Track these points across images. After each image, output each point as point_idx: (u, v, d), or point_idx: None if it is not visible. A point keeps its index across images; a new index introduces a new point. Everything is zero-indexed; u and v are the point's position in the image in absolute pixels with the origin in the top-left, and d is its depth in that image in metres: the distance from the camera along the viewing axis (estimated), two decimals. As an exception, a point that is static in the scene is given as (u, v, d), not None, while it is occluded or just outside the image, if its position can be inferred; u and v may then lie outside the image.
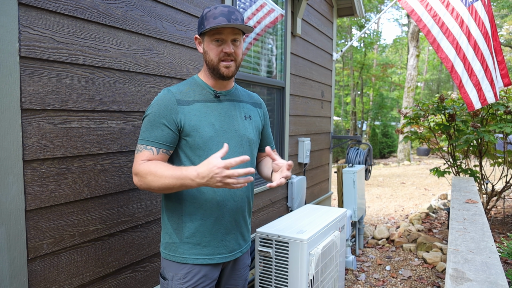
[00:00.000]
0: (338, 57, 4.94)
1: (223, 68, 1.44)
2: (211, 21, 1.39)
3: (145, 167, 1.36)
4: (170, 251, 1.49)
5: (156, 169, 1.34)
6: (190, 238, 1.46)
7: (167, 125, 1.41)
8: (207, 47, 1.45)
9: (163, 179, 1.31)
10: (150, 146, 1.40)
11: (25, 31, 1.35)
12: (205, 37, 1.45)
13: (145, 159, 1.40)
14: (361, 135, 12.96)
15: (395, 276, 3.51)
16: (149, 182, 1.35)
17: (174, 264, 1.48)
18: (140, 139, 1.43)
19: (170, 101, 1.42)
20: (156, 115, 1.41)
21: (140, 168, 1.37)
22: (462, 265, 1.56)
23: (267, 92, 3.33)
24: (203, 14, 1.44)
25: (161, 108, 1.41)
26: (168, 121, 1.40)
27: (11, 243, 1.32)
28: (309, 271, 2.05)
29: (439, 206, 5.97)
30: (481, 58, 3.58)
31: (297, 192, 3.69)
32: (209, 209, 1.46)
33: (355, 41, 20.67)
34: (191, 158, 1.45)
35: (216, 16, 1.39)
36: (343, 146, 13.51)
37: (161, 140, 1.41)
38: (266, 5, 3.13)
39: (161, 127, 1.40)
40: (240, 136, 1.51)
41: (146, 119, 1.43)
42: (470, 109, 3.61)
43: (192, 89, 1.48)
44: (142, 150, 1.41)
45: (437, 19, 3.70)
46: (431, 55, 25.40)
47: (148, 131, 1.41)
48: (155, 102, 1.43)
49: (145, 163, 1.38)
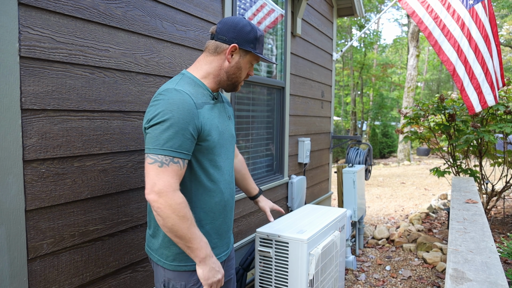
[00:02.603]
0: (338, 57, 4.94)
1: (239, 87, 1.54)
2: (261, 48, 1.48)
3: (182, 203, 1.25)
4: (181, 262, 1.40)
5: (190, 216, 1.27)
6: None
7: (192, 132, 1.30)
8: (243, 65, 1.47)
9: (188, 232, 1.25)
10: (177, 158, 1.26)
11: (25, 31, 1.35)
12: (248, 56, 1.46)
13: (173, 175, 1.25)
14: (361, 135, 12.96)
15: (395, 276, 3.51)
16: (173, 221, 1.23)
17: (185, 273, 1.40)
18: (161, 149, 1.24)
19: (191, 105, 1.30)
20: (181, 121, 1.26)
21: (175, 198, 1.24)
22: (462, 265, 1.56)
23: (267, 92, 3.33)
24: (257, 34, 1.45)
25: (185, 113, 1.27)
26: (193, 128, 1.29)
27: (11, 243, 1.32)
28: (309, 271, 2.05)
29: (439, 206, 5.97)
30: (482, 61, 3.59)
31: (297, 192, 3.69)
32: (217, 212, 1.47)
33: (355, 41, 20.67)
34: (202, 163, 1.39)
35: (263, 43, 1.50)
36: (343, 146, 13.52)
37: (187, 150, 1.29)
38: (266, 5, 3.13)
39: (186, 135, 1.27)
40: (231, 136, 1.56)
41: (167, 125, 1.24)
42: (471, 112, 3.63)
43: (195, 90, 1.40)
44: (169, 164, 1.25)
45: (438, 21, 3.71)
46: (431, 55, 25.40)
47: (172, 140, 1.25)
48: (174, 105, 1.26)
49: (180, 196, 1.26)
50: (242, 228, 2.94)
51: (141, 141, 1.89)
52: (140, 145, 1.88)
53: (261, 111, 3.27)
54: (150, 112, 1.30)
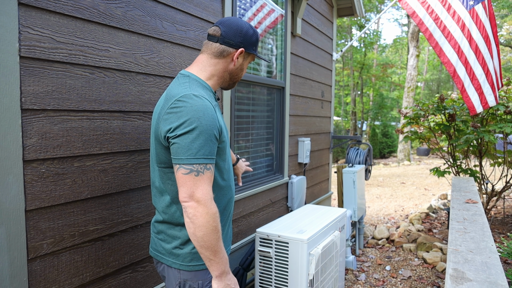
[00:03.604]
0: (338, 57, 4.93)
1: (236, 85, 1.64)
2: (258, 47, 1.53)
3: (216, 213, 1.26)
4: (198, 261, 1.41)
5: (220, 229, 1.28)
6: None
7: (217, 136, 1.33)
8: (245, 66, 1.55)
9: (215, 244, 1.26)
10: (209, 164, 1.28)
11: (25, 31, 1.35)
12: (250, 57, 1.54)
13: (209, 182, 1.28)
14: (361, 135, 12.95)
15: (395, 276, 3.51)
16: (205, 231, 1.24)
17: (201, 272, 1.42)
18: (195, 158, 1.25)
19: (212, 110, 1.32)
20: (209, 128, 1.28)
21: (212, 207, 1.25)
22: (462, 265, 1.56)
23: (267, 92, 3.33)
24: (258, 37, 1.52)
25: (210, 119, 1.29)
26: (217, 132, 1.32)
27: (11, 243, 1.32)
28: (309, 271, 2.05)
29: (439, 206, 5.97)
30: (482, 62, 3.59)
31: (297, 192, 3.69)
32: (228, 209, 1.51)
33: (355, 41, 20.67)
34: (218, 163, 1.41)
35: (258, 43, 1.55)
36: (343, 146, 13.51)
37: (214, 155, 1.32)
38: (266, 5, 3.13)
39: (214, 141, 1.30)
40: (228, 134, 1.59)
41: (196, 133, 1.25)
42: (472, 113, 3.63)
43: (205, 93, 1.42)
44: (204, 172, 1.26)
45: (438, 23, 3.70)
46: (431, 55, 25.40)
47: (204, 148, 1.27)
48: (200, 112, 1.27)
49: (215, 205, 1.28)
50: (242, 228, 2.94)
51: (141, 141, 1.89)
52: (140, 145, 1.88)
53: (261, 111, 3.27)
54: (172, 119, 1.27)
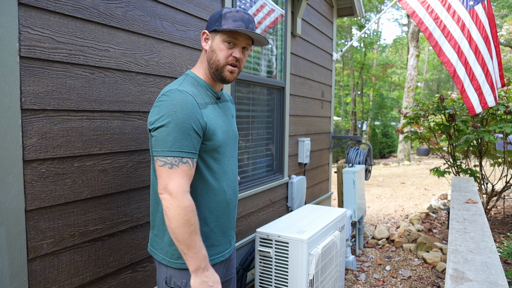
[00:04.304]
0: (338, 57, 4.93)
1: (227, 72, 1.42)
2: (230, 23, 1.36)
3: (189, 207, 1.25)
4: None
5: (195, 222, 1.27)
6: (205, 242, 1.44)
7: (198, 131, 1.31)
8: (217, 47, 1.40)
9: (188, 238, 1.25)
10: (186, 158, 1.28)
11: (25, 31, 1.35)
12: (218, 35, 1.40)
13: (184, 175, 1.27)
14: (361, 135, 12.95)
15: (395, 276, 3.51)
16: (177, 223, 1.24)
17: (186, 271, 1.41)
18: (170, 151, 1.26)
19: (194, 105, 1.32)
20: (185, 122, 1.27)
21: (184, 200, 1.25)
22: (462, 265, 1.56)
23: (267, 92, 3.33)
24: (221, 12, 1.40)
25: (189, 113, 1.29)
26: (197, 127, 1.31)
27: (11, 243, 1.32)
28: (309, 271, 2.05)
29: (439, 206, 5.97)
30: (482, 63, 3.59)
31: (297, 192, 3.69)
32: (222, 210, 1.48)
33: (355, 41, 20.67)
34: (207, 161, 1.41)
35: (236, 19, 1.37)
36: (343, 146, 13.52)
37: (195, 150, 1.31)
38: (266, 5, 3.13)
39: (192, 135, 1.29)
40: (234, 135, 1.57)
41: (171, 126, 1.26)
42: (471, 113, 3.63)
43: (198, 90, 1.41)
44: (179, 165, 1.27)
45: (438, 22, 3.70)
46: (431, 55, 25.40)
47: (180, 141, 1.27)
48: (178, 106, 1.28)
49: (188, 199, 1.26)
50: (242, 228, 2.94)
51: (141, 141, 1.89)
52: (140, 145, 1.88)
53: (261, 111, 3.27)
54: (154, 113, 1.31)
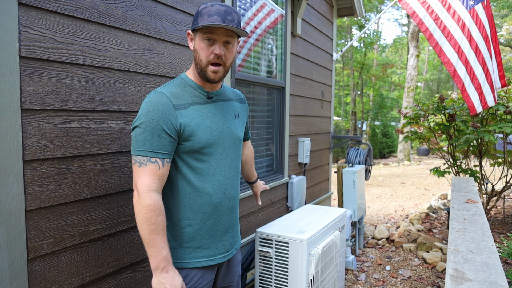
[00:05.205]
0: (338, 57, 4.93)
1: (210, 73, 1.39)
2: (205, 19, 1.33)
3: (150, 206, 1.28)
4: (174, 258, 1.43)
5: (156, 222, 1.29)
6: (190, 242, 1.44)
7: (169, 132, 1.32)
8: (198, 46, 1.39)
9: (147, 237, 1.28)
10: (155, 157, 1.30)
11: (25, 31, 1.35)
12: (197, 34, 1.38)
13: (151, 174, 1.30)
14: (361, 135, 12.95)
15: (395, 276, 3.51)
16: (138, 220, 1.29)
17: (180, 269, 1.43)
18: (139, 150, 1.30)
19: (167, 106, 1.33)
20: (155, 122, 1.30)
21: (146, 199, 1.28)
22: (462, 265, 1.56)
23: (267, 92, 3.33)
24: (198, 10, 1.38)
25: (159, 114, 1.31)
26: (168, 127, 1.32)
27: (11, 243, 1.32)
28: (309, 271, 2.05)
29: (439, 206, 5.97)
30: (482, 62, 3.59)
31: (297, 192, 3.69)
32: (207, 212, 1.45)
33: (355, 41, 20.67)
34: (188, 162, 1.41)
35: (211, 14, 1.33)
36: (343, 146, 13.52)
37: (166, 150, 1.32)
38: (266, 5, 3.13)
39: (162, 135, 1.31)
40: (233, 136, 1.53)
41: (143, 127, 1.30)
42: (472, 113, 3.64)
43: (184, 90, 1.41)
44: (147, 164, 1.29)
45: (438, 22, 3.70)
46: (431, 55, 25.39)
47: (149, 141, 1.30)
48: (150, 107, 1.31)
49: (152, 198, 1.29)
50: (242, 228, 2.94)
51: (141, 141, 1.89)
52: (140, 145, 1.88)
53: (261, 111, 3.27)
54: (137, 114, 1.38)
